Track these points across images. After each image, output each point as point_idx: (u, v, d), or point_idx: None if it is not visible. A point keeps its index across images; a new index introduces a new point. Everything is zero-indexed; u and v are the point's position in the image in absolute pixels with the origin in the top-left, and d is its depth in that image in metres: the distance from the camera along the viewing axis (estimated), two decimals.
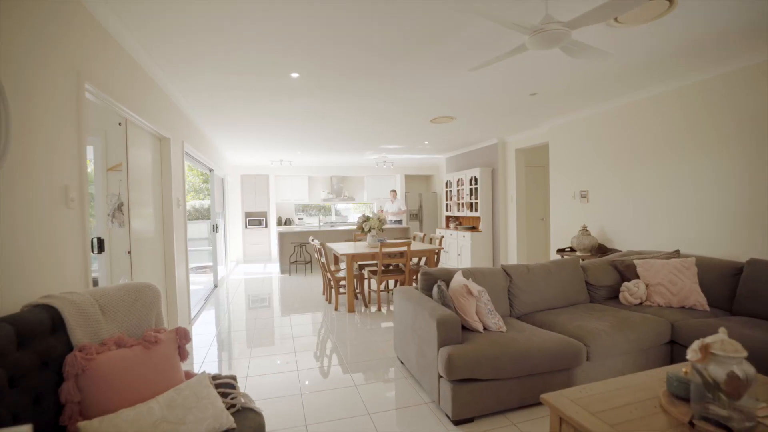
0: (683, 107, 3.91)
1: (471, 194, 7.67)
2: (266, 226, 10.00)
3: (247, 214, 10.03)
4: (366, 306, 5.11)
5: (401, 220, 9.80)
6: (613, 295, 3.63)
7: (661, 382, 1.78)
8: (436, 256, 5.28)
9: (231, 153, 8.22)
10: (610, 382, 1.84)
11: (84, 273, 2.15)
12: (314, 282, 6.97)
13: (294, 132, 6.12)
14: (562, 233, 5.57)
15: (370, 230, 5.33)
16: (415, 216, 10.83)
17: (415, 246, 5.28)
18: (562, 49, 2.31)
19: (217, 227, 6.64)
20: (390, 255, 4.96)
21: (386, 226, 9.74)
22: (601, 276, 3.63)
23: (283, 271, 7.96)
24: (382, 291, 5.25)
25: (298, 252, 8.08)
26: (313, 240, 5.37)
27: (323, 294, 5.86)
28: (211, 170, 6.57)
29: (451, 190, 8.50)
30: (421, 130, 6.27)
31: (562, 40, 2.10)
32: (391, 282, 5.62)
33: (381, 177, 10.96)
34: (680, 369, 1.70)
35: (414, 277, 5.31)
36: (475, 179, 7.49)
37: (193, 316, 4.81)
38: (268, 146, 7.45)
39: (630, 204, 4.54)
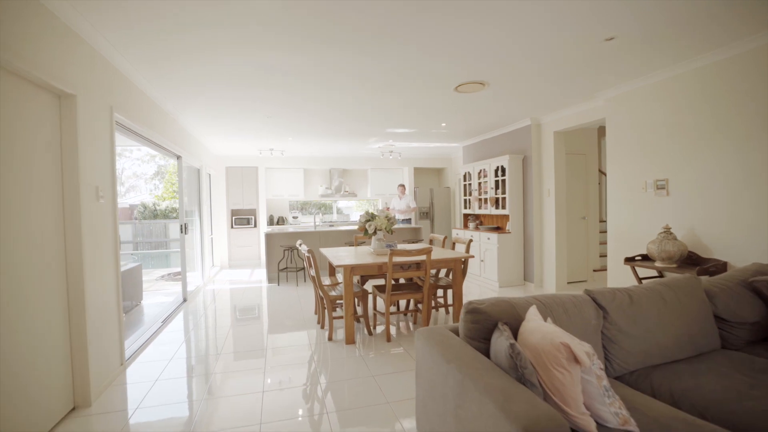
0: None
1: (496, 188, 6.38)
2: (255, 225, 8.74)
3: (234, 212, 8.78)
4: (370, 333, 3.83)
5: (410, 219, 8.51)
6: (759, 338, 2.34)
7: None
8: (463, 267, 4.00)
9: (211, 140, 6.96)
10: None
11: None
12: (306, 294, 5.69)
13: (278, 108, 4.85)
14: (626, 236, 4.26)
15: (375, 232, 4.05)
16: (426, 214, 9.55)
17: (438, 253, 3.99)
18: None
19: (186, 228, 5.38)
20: (403, 266, 3.68)
21: (396, 226, 8.46)
22: (737, 306, 2.33)
23: (270, 280, 6.69)
24: (392, 313, 3.98)
25: (288, 257, 6.82)
26: (300, 245, 4.10)
27: (315, 314, 4.60)
28: (178, 157, 5.31)
29: (470, 184, 7.21)
30: (439, 106, 4.98)
31: None
32: (403, 301, 4.32)
33: (386, 170, 9.68)
34: None
35: (435, 297, 4.03)
36: (502, 169, 6.19)
37: (136, 348, 3.54)
38: (248, 129, 6.18)
39: (735, 197, 3.23)
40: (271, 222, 9.04)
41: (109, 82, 3.04)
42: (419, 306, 4.14)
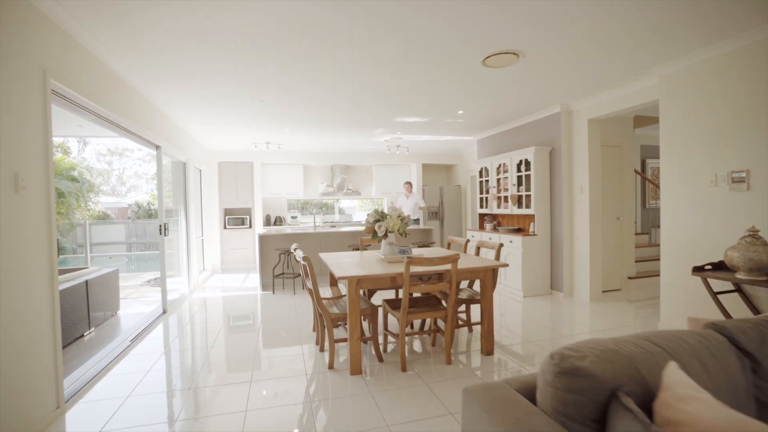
0: None
1: (519, 184, 5.66)
2: (250, 226, 8.04)
3: (227, 212, 8.08)
4: (380, 358, 3.11)
5: (419, 220, 7.80)
6: None
7: None
8: (493, 276, 3.27)
9: (200, 131, 6.26)
10: None
11: None
12: (304, 304, 4.98)
13: (272, 92, 4.15)
14: (687, 239, 3.54)
15: (386, 235, 3.33)
16: (435, 214, 8.83)
17: (465, 261, 3.26)
18: None
19: (166, 229, 4.68)
20: (422, 277, 2.96)
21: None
22: None
23: (264, 287, 5.98)
24: (408, 333, 3.26)
25: (284, 261, 6.11)
26: (295, 249, 3.39)
27: (314, 330, 3.89)
28: (157, 147, 4.61)
29: (487, 181, 6.49)
30: (458, 90, 4.27)
31: None
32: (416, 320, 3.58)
33: (393, 167, 8.96)
34: None
35: (459, 314, 3.32)
36: (526, 163, 5.47)
37: (88, 380, 2.84)
38: (240, 116, 5.47)
39: None
40: (267, 222, 8.35)
41: (44, 40, 2.34)
42: (440, 325, 3.42)
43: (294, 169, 8.40)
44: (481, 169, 6.63)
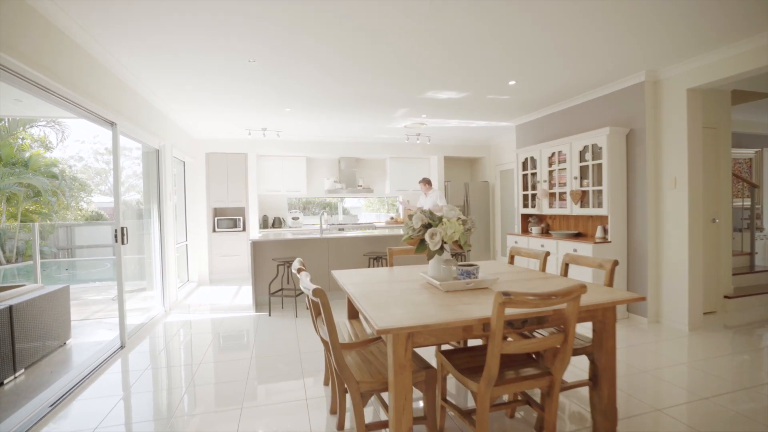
0: None
1: (583, 177, 4.45)
2: (244, 229, 6.83)
3: (216, 212, 6.87)
4: None
5: None
6: None
7: None
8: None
9: (180, 111, 5.06)
10: None
11: None
12: (307, 334, 3.78)
13: (266, 50, 2.96)
14: None
15: (442, 248, 2.12)
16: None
17: (590, 297, 2.02)
18: None
19: (123, 235, 3.48)
20: (513, 323, 1.74)
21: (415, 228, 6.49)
22: None
23: (259, 306, 4.77)
24: (493, 406, 1.99)
25: (284, 274, 4.91)
26: (300, 271, 2.18)
27: (325, 384, 2.69)
28: (112, 124, 3.41)
29: (533, 174, 5.27)
30: (511, 50, 3.07)
31: None
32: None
33: (410, 160, 7.75)
34: None
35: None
36: (595, 150, 4.27)
37: None
38: (225, 85, 4.28)
39: None
40: (265, 224, 7.14)
41: None
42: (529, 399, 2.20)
43: (295, 162, 7.19)
44: (525, 159, 5.41)
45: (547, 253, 2.81)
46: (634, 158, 4.09)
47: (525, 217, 5.51)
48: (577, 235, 4.62)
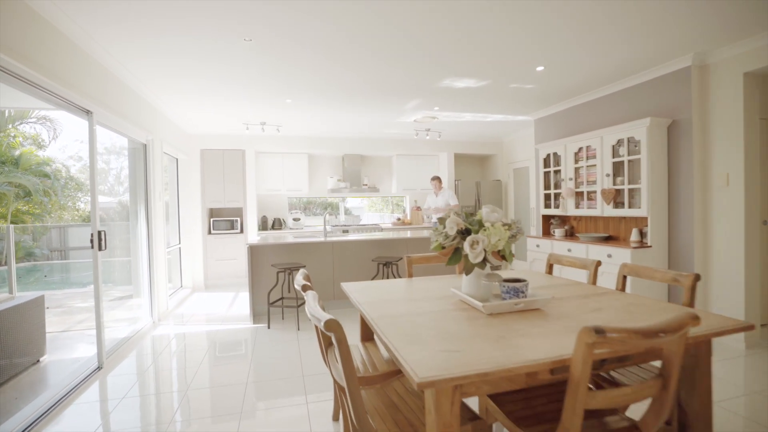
0: None
1: (616, 174, 4.01)
2: (241, 231, 6.39)
3: (212, 213, 6.44)
4: None
5: None
6: None
7: None
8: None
9: (170, 102, 4.63)
10: None
11: None
12: (311, 351, 3.33)
13: (266, 29, 2.52)
14: None
15: (485, 261, 1.68)
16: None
17: (701, 325, 1.58)
18: None
19: (101, 240, 3.03)
20: (595, 366, 1.30)
21: (425, 227, 6.05)
22: None
23: (257, 317, 4.33)
24: None
25: (285, 282, 4.47)
26: (305, 290, 1.74)
27: (335, 420, 2.25)
28: (88, 112, 2.97)
29: (557, 171, 4.83)
30: (548, 28, 2.63)
31: None
32: None
33: (418, 157, 7.30)
34: None
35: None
36: (630, 144, 3.83)
37: None
38: (216, 69, 3.84)
39: None
40: (264, 226, 6.69)
41: None
42: None
43: (297, 159, 6.75)
44: (547, 156, 4.97)
45: (598, 263, 2.36)
46: (677, 153, 3.65)
47: (546, 219, 5.06)
48: (607, 239, 4.18)
